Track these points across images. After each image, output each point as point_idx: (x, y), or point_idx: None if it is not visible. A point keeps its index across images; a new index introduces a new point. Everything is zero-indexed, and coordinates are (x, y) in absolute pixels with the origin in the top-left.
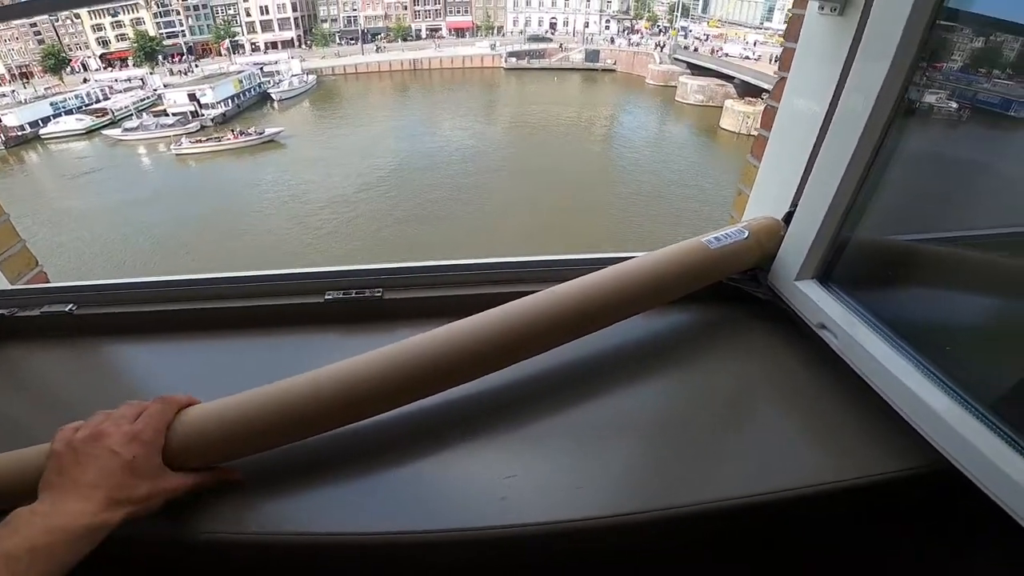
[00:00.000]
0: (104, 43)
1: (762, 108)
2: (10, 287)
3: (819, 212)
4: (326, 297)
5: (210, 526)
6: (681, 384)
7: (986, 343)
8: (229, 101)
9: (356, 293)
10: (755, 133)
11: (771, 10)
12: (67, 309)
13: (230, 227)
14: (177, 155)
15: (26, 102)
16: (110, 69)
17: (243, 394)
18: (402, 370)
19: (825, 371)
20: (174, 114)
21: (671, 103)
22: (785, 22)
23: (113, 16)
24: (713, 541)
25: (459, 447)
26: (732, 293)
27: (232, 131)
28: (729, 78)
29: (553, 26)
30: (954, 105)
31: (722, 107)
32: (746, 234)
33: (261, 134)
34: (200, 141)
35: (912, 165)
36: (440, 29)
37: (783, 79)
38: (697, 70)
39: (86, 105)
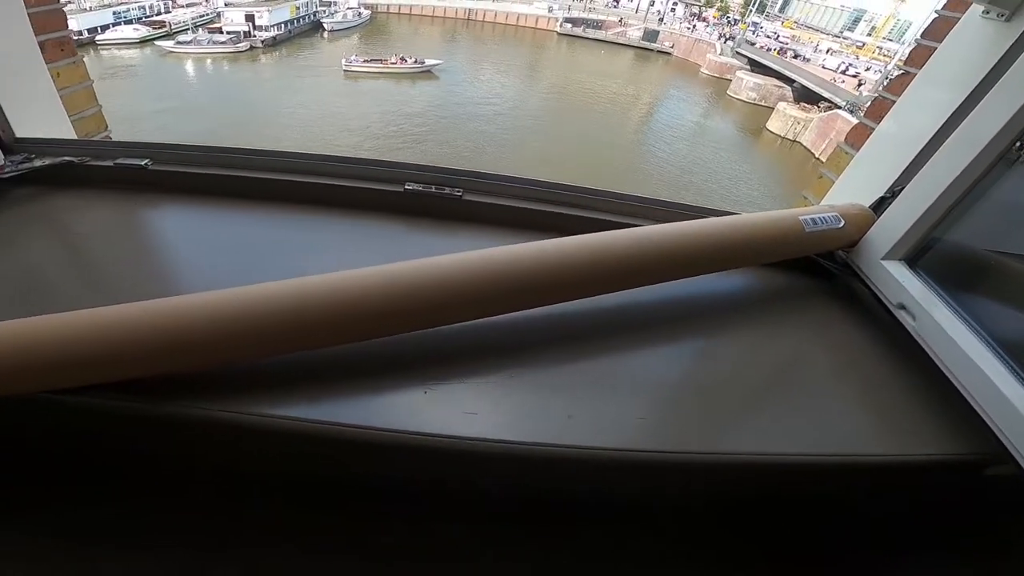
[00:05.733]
0: None
1: (815, 116)
2: (83, 138)
3: (923, 202)
4: (405, 187)
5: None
6: (745, 344)
7: None
8: (282, 26)
9: (436, 189)
10: (800, 140)
11: (856, 20)
12: (143, 163)
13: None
14: (346, 71)
15: (90, 9)
16: None
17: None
18: (485, 280)
19: (893, 349)
20: (228, 32)
21: (721, 96)
22: (869, 33)
23: None
24: (747, 493)
25: (528, 365)
26: (804, 264)
27: (396, 55)
28: (789, 81)
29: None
30: None
31: (774, 108)
32: (842, 223)
33: (422, 63)
34: (367, 62)
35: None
36: None
37: (906, 74)
38: (757, 68)
39: (147, 16)
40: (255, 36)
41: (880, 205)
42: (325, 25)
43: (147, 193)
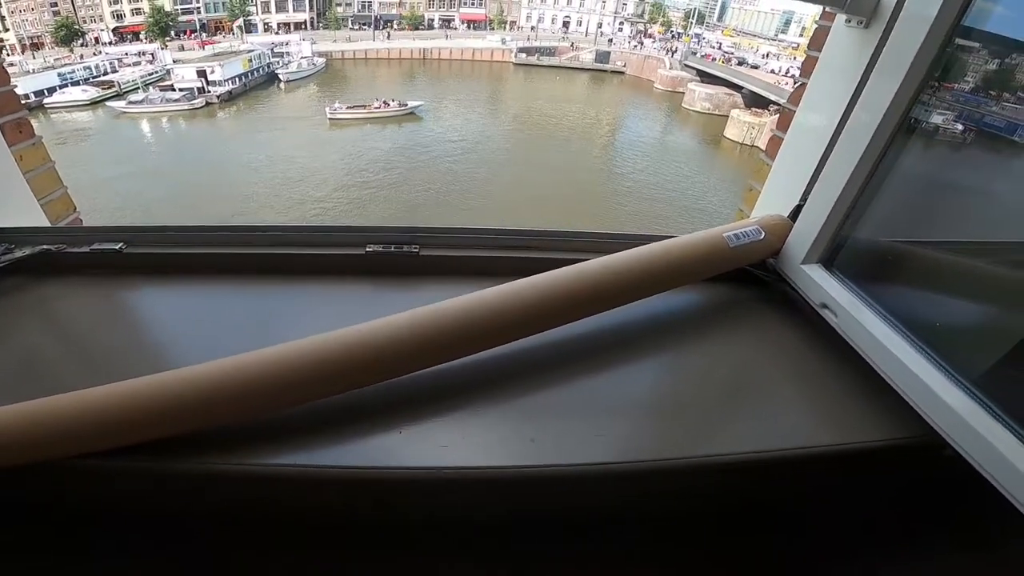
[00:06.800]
0: (119, 16)
1: (768, 120)
2: (57, 224)
3: (827, 205)
4: (367, 249)
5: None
6: (690, 356)
7: (971, 327)
8: (237, 79)
9: (395, 248)
10: (758, 144)
11: (787, 23)
12: (117, 248)
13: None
14: (331, 119)
15: (34, 72)
16: (123, 43)
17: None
18: (432, 332)
19: (824, 347)
20: (181, 89)
21: (677, 109)
22: (801, 34)
23: None
24: (713, 495)
25: (492, 399)
26: (739, 275)
27: (378, 100)
28: (738, 87)
29: (566, 25)
30: (959, 127)
31: (728, 116)
32: (762, 235)
33: (404, 105)
34: (351, 108)
35: (912, 177)
36: (453, 20)
37: (803, 85)
38: (707, 77)
39: (94, 77)
40: (209, 92)
41: (796, 213)
42: (281, 76)
43: (124, 276)
